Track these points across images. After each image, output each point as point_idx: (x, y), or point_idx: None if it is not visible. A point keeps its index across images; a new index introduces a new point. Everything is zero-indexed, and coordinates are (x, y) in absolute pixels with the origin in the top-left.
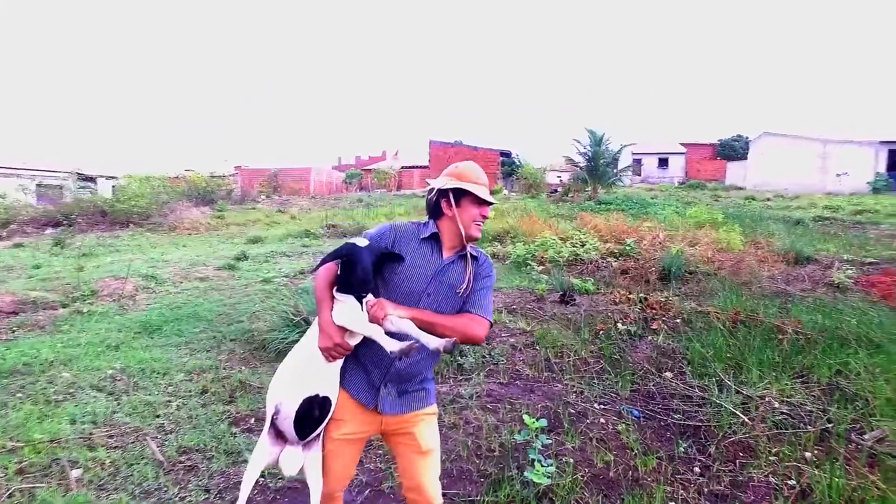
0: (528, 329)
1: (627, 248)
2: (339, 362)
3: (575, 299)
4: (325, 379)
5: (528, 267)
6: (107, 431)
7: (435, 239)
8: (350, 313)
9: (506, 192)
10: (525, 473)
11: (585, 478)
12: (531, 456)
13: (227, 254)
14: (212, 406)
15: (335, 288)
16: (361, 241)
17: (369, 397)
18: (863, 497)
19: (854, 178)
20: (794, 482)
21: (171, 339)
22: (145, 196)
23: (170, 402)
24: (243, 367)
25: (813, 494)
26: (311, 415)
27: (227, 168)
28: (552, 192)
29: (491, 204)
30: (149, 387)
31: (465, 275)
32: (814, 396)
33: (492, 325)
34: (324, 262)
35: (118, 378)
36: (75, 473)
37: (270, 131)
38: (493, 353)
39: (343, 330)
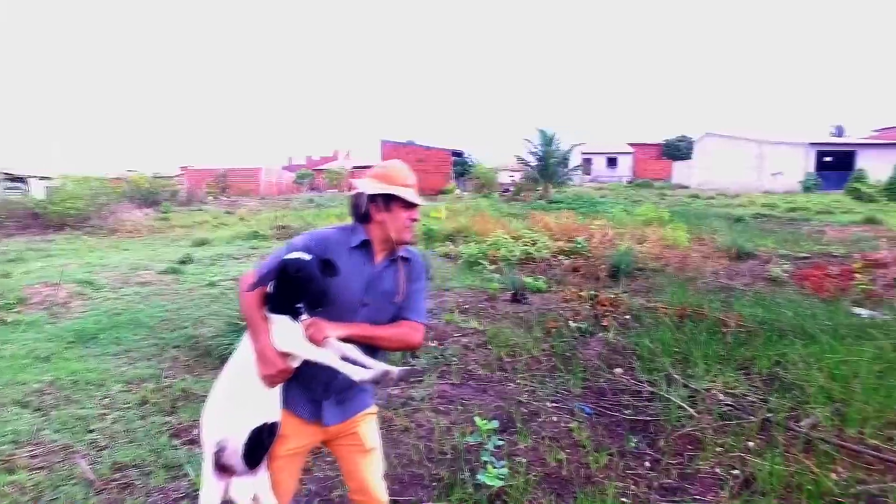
0: (481, 328)
1: (578, 246)
2: (279, 386)
3: (527, 298)
4: (269, 404)
5: (481, 266)
6: (30, 451)
7: (366, 246)
8: (293, 337)
9: (458, 191)
10: (477, 476)
11: (538, 477)
12: (483, 458)
13: (172, 257)
14: (151, 418)
15: (267, 308)
16: (297, 255)
17: (310, 412)
18: (800, 482)
19: (787, 177)
20: (739, 472)
21: (108, 348)
22: (83, 197)
23: (105, 415)
24: (187, 375)
25: (756, 483)
26: (262, 444)
27: (173, 168)
28: (504, 192)
29: (419, 206)
30: (82, 400)
31: (399, 280)
32: (755, 387)
33: (427, 328)
34: (263, 280)
35: (46, 392)
36: None
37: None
38: (445, 354)
39: (285, 354)
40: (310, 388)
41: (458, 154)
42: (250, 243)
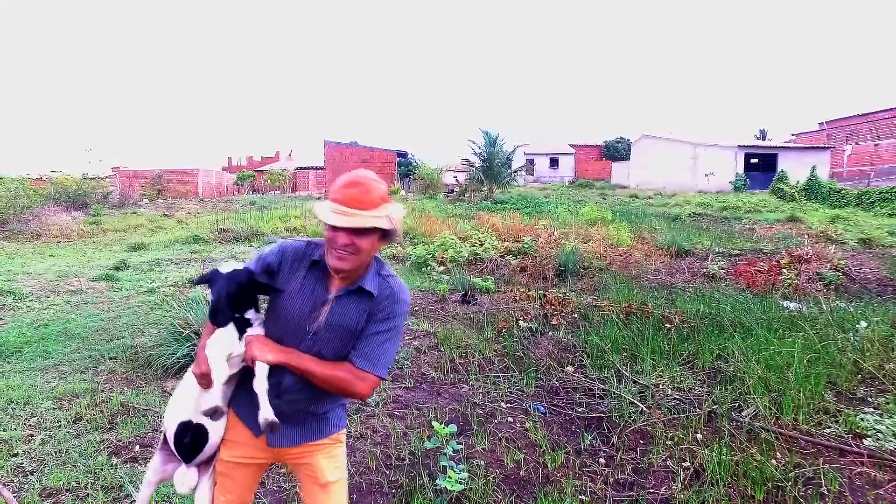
0: (432, 331)
1: (525, 246)
2: (221, 392)
3: (476, 299)
4: (201, 403)
5: (429, 267)
6: None
7: (318, 266)
8: (219, 344)
9: (403, 192)
10: (437, 481)
11: (497, 479)
12: (442, 462)
13: (105, 263)
14: (87, 436)
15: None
16: (229, 265)
17: (257, 427)
18: (745, 470)
19: (719, 177)
20: (689, 464)
21: (34, 363)
22: (0, 199)
23: (32, 436)
24: (125, 388)
25: (705, 473)
26: (183, 440)
27: (103, 169)
28: (449, 193)
29: (347, 227)
30: (4, 421)
31: (355, 317)
32: (700, 381)
33: (382, 380)
34: (197, 282)
35: None
36: None
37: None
38: (397, 358)
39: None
40: (255, 401)
41: (402, 155)
42: (190, 247)
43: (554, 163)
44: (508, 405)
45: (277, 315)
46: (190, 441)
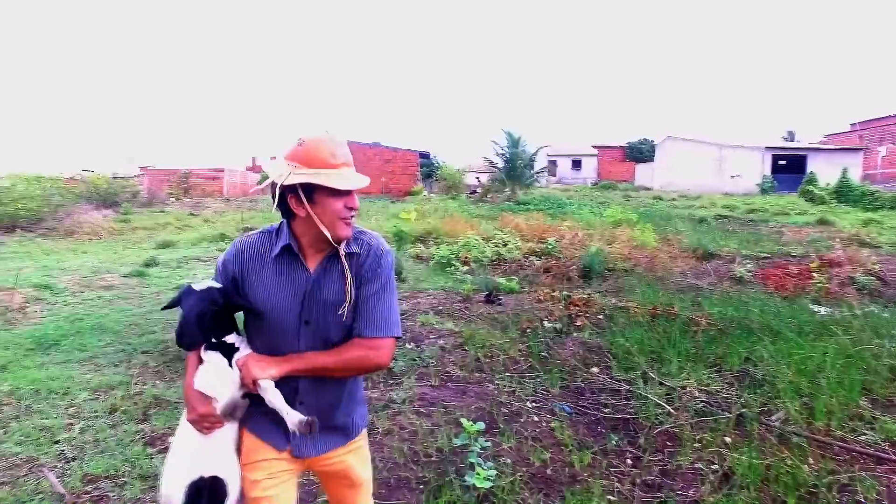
0: (457, 330)
1: (549, 247)
2: (229, 431)
3: (501, 299)
4: (208, 454)
5: (453, 267)
6: None
7: (289, 251)
8: (214, 377)
9: (426, 193)
10: (466, 478)
11: (524, 478)
12: (470, 459)
13: (135, 260)
14: (123, 426)
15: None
16: (201, 283)
17: (281, 440)
18: (776, 474)
19: (745, 179)
20: (718, 467)
21: (71, 355)
22: (35, 198)
23: (71, 425)
24: (158, 381)
25: (735, 477)
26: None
27: (132, 168)
28: (471, 193)
29: (355, 189)
30: (45, 410)
31: (344, 285)
32: (727, 383)
33: (399, 339)
34: (168, 306)
35: (5, 402)
36: None
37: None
38: (423, 356)
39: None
40: (274, 417)
41: (424, 155)
42: (217, 245)
43: (577, 164)
44: (534, 405)
45: (263, 321)
46: (208, 500)
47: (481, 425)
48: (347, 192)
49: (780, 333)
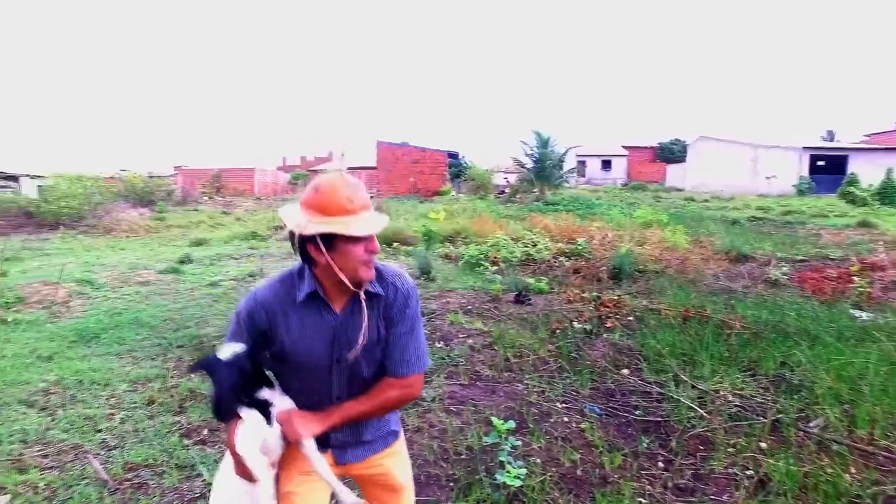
0: (486, 329)
1: (579, 247)
2: (273, 470)
3: (530, 299)
4: (257, 494)
5: (482, 267)
6: (40, 451)
7: (316, 297)
8: (250, 440)
9: (454, 193)
10: (496, 476)
11: (554, 478)
12: (500, 458)
13: (170, 257)
14: (160, 417)
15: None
16: (228, 350)
17: (321, 442)
18: (816, 482)
19: (781, 180)
20: (753, 472)
21: (111, 348)
22: (77, 196)
23: (112, 415)
24: (192, 375)
25: (771, 483)
26: None
27: (167, 168)
28: (500, 194)
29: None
30: (88, 399)
31: (362, 328)
32: (762, 388)
33: (423, 375)
34: (194, 368)
35: (52, 391)
36: (3, 500)
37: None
38: (451, 355)
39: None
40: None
41: (453, 155)
42: (249, 243)
43: (606, 164)
44: (564, 405)
45: (295, 364)
46: None
47: (512, 424)
48: (367, 236)
49: (819, 338)
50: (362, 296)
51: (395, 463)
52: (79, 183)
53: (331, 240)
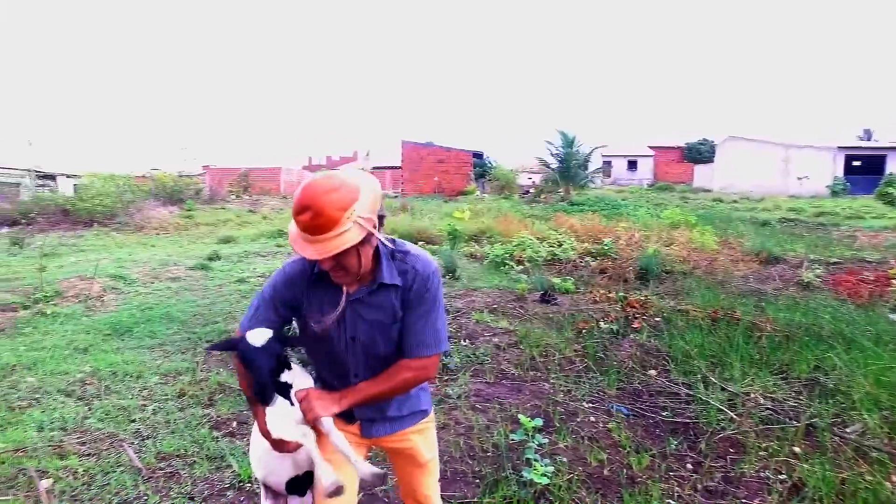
0: (511, 328)
1: (605, 247)
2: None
3: (556, 298)
4: (299, 459)
5: (507, 266)
6: (78, 438)
7: (328, 275)
8: (282, 421)
9: (478, 192)
10: (523, 473)
11: (581, 477)
12: (527, 455)
13: (199, 253)
14: (190, 410)
15: None
16: (259, 335)
17: (348, 415)
18: (854, 489)
19: (814, 181)
20: (786, 477)
21: (143, 341)
22: (110, 195)
23: (145, 406)
24: (221, 370)
25: (805, 488)
26: (299, 486)
27: (195, 167)
28: (524, 194)
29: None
30: (122, 391)
31: (388, 309)
32: (795, 392)
33: (445, 353)
34: (214, 348)
35: (88, 382)
36: (45, 484)
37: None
38: (477, 353)
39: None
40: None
41: (477, 155)
42: (276, 241)
43: (632, 165)
44: (590, 405)
45: (316, 344)
46: (304, 483)
47: (539, 421)
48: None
49: (855, 342)
50: (382, 280)
51: (422, 440)
52: (111, 182)
53: None
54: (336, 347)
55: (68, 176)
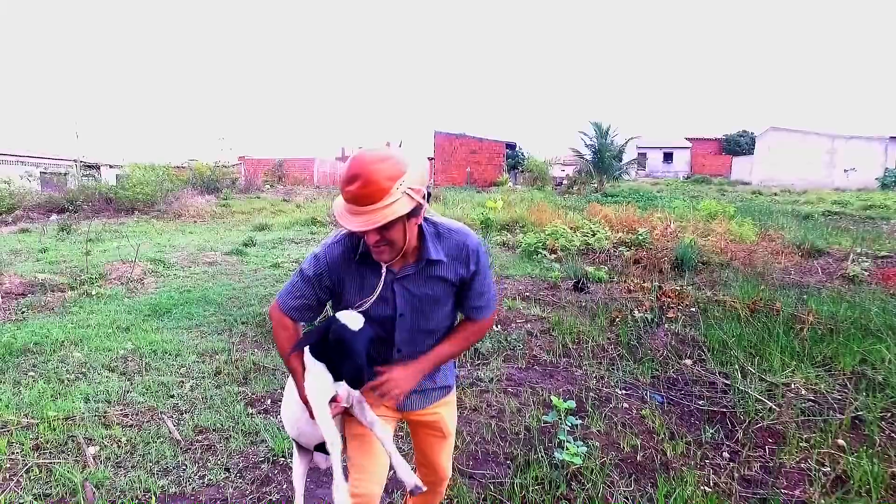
0: (544, 316)
1: (640, 237)
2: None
3: (589, 287)
4: (325, 432)
5: (540, 255)
6: (121, 410)
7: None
8: (321, 391)
9: (511, 183)
10: (555, 454)
11: (614, 461)
12: (560, 437)
13: (235, 240)
14: (226, 387)
15: (308, 348)
16: (354, 319)
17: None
18: None
19: (862, 173)
20: (829, 469)
21: (181, 322)
22: (150, 184)
23: (183, 382)
24: (256, 350)
25: (850, 481)
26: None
27: (232, 157)
28: (557, 185)
29: (365, 230)
30: (161, 368)
31: (437, 284)
32: (839, 384)
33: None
34: (304, 342)
35: (130, 359)
36: (91, 450)
37: (273, 121)
38: (509, 339)
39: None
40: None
41: (510, 146)
42: (309, 229)
43: (668, 157)
44: (624, 391)
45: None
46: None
47: (572, 403)
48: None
49: None
50: (428, 256)
51: (448, 412)
52: (151, 172)
53: None
54: (383, 323)
55: (111, 166)
